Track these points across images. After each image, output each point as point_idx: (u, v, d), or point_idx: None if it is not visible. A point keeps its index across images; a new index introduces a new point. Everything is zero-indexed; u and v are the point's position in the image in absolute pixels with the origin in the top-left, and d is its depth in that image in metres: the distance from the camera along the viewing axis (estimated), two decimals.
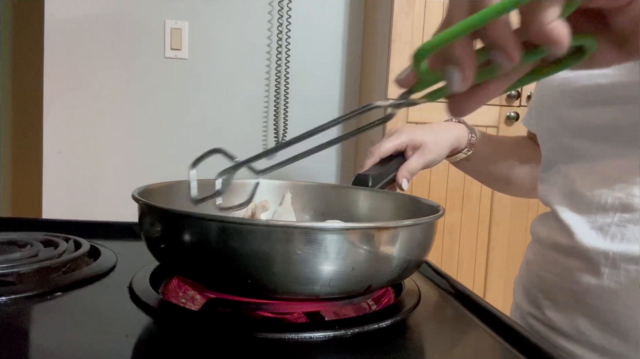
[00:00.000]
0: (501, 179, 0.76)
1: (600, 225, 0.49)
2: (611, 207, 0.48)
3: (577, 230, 0.51)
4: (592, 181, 0.51)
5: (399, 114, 1.46)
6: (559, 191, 0.55)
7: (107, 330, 0.38)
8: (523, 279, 0.61)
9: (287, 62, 1.74)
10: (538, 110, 0.59)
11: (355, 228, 0.38)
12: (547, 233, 0.56)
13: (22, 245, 0.55)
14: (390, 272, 0.41)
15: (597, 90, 0.49)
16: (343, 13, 1.79)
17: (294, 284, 0.37)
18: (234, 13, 1.72)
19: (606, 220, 0.49)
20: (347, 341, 0.38)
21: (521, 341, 0.39)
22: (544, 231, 0.57)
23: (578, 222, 0.51)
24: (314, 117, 1.80)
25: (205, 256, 0.38)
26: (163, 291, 0.49)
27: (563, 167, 0.55)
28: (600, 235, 0.49)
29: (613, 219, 0.48)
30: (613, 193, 0.48)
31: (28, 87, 1.96)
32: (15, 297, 0.42)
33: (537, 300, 0.56)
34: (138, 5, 1.66)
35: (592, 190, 0.50)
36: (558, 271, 0.54)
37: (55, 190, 1.68)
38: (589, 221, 0.50)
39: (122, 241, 0.65)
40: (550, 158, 0.58)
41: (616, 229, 0.48)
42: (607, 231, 0.48)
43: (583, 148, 0.52)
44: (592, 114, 0.50)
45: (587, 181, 0.51)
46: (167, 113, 1.72)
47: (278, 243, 0.36)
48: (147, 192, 0.48)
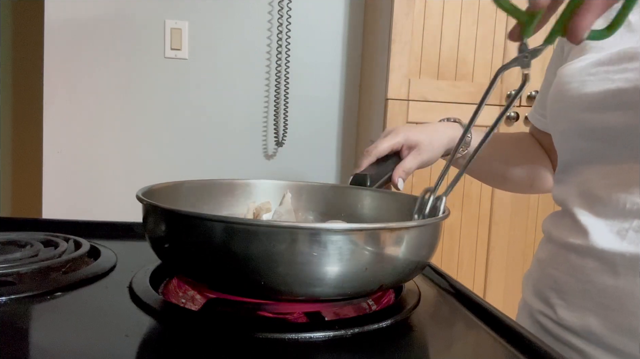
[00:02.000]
0: (498, 176, 0.77)
1: (618, 230, 0.49)
2: (629, 213, 0.48)
3: (594, 231, 0.51)
4: (609, 184, 0.51)
5: (398, 115, 1.46)
6: (576, 192, 0.55)
7: (107, 330, 0.38)
8: (534, 276, 0.61)
9: (287, 63, 1.74)
10: (553, 113, 0.59)
11: (371, 229, 0.38)
12: (561, 233, 0.56)
13: (22, 245, 0.55)
14: (401, 272, 0.41)
15: (617, 94, 0.49)
16: (343, 13, 1.79)
17: (309, 286, 0.37)
18: (234, 13, 1.72)
19: (624, 225, 0.49)
20: (347, 341, 0.38)
21: (521, 341, 0.39)
22: (558, 231, 0.57)
23: (595, 224, 0.51)
24: (314, 117, 1.80)
25: (219, 257, 0.38)
26: (163, 291, 0.49)
27: (580, 169, 0.55)
28: (618, 239, 0.49)
29: (631, 224, 0.48)
30: (632, 198, 0.48)
31: (28, 87, 1.96)
32: (15, 297, 0.42)
33: (549, 299, 0.56)
34: (138, 5, 1.66)
35: (609, 193, 0.50)
36: (571, 270, 0.54)
37: (55, 190, 1.68)
38: (607, 225, 0.50)
39: (122, 241, 0.65)
40: (567, 159, 0.58)
41: (634, 234, 0.48)
42: (624, 236, 0.49)
43: (601, 151, 0.52)
44: (611, 118, 0.50)
45: (605, 185, 0.51)
46: (167, 113, 1.72)
47: (295, 245, 0.36)
48: (151, 192, 0.48)
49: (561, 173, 0.59)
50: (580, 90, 0.53)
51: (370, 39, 1.73)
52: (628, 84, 0.48)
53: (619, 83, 0.49)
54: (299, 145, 1.79)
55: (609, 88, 0.50)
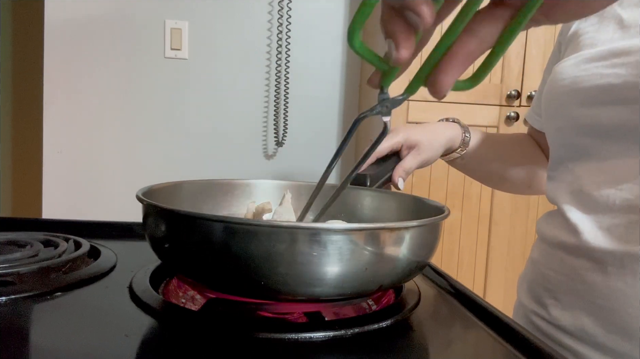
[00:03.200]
0: (496, 176, 0.77)
1: (608, 226, 0.49)
2: (619, 209, 0.48)
3: (584, 229, 0.51)
4: (599, 180, 0.51)
5: (399, 115, 1.46)
6: (567, 189, 0.55)
7: (107, 330, 0.38)
8: (528, 277, 0.61)
9: (287, 63, 1.74)
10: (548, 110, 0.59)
11: (371, 229, 0.38)
12: (553, 232, 0.56)
13: (22, 245, 0.55)
14: (401, 272, 0.41)
15: (608, 90, 0.49)
16: (343, 13, 1.79)
17: (309, 286, 0.37)
18: (234, 13, 1.72)
19: (614, 221, 0.49)
20: (347, 341, 0.38)
21: (521, 341, 0.39)
22: (550, 230, 0.57)
23: (584, 221, 0.51)
24: (314, 117, 1.80)
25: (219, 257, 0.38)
26: (163, 291, 0.49)
27: (571, 165, 0.55)
28: (607, 236, 0.49)
29: (621, 221, 0.48)
30: (621, 194, 0.48)
31: (28, 87, 1.97)
32: (15, 297, 0.42)
33: (542, 299, 0.56)
34: (138, 5, 1.66)
35: (599, 189, 0.50)
36: (564, 270, 0.54)
37: (55, 190, 1.68)
38: (596, 221, 0.50)
39: (122, 241, 0.65)
40: (559, 156, 0.58)
41: (623, 230, 0.48)
42: (614, 232, 0.48)
43: (592, 147, 0.52)
44: (602, 113, 0.50)
45: (595, 181, 0.51)
46: (167, 113, 1.72)
47: (293, 245, 0.36)
48: (151, 192, 0.48)
49: (553, 171, 0.59)
50: (573, 87, 0.53)
51: (370, 39, 1.73)
52: (618, 80, 0.48)
53: (609, 79, 0.49)
54: (299, 145, 1.79)
55: (600, 84, 0.50)
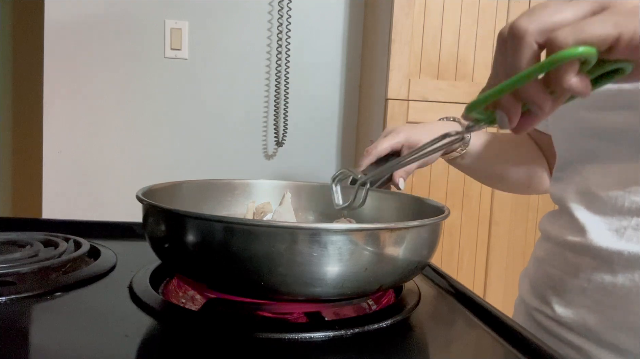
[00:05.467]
0: (495, 176, 0.77)
1: (617, 228, 0.49)
2: (628, 211, 0.49)
3: (592, 229, 0.51)
4: (608, 182, 0.51)
5: (399, 115, 1.46)
6: (574, 190, 0.55)
7: (107, 330, 0.38)
8: (530, 275, 0.61)
9: (287, 62, 1.74)
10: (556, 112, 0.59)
11: (371, 229, 0.38)
12: (558, 231, 0.56)
13: (22, 245, 0.55)
14: (401, 272, 0.41)
15: (619, 94, 0.49)
16: (343, 13, 1.79)
17: (309, 286, 0.37)
18: (234, 13, 1.72)
19: (622, 223, 0.49)
20: (347, 341, 0.38)
21: (521, 341, 0.39)
22: (555, 229, 0.57)
23: (593, 222, 0.52)
24: (314, 117, 1.80)
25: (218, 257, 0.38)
26: (163, 291, 0.49)
27: (579, 167, 0.55)
28: (616, 237, 0.49)
29: (630, 223, 0.48)
30: (630, 197, 0.49)
31: (28, 87, 1.96)
32: (15, 297, 0.42)
33: (546, 296, 0.57)
34: (138, 5, 1.66)
35: (607, 191, 0.51)
36: (569, 268, 0.54)
37: (55, 190, 1.68)
38: (605, 222, 0.50)
39: (122, 241, 0.65)
40: (567, 158, 0.58)
41: (632, 232, 0.48)
42: (622, 234, 0.49)
43: (600, 149, 0.52)
44: (612, 117, 0.50)
45: (603, 183, 0.51)
46: (167, 113, 1.72)
47: (293, 245, 0.36)
48: (151, 192, 0.48)
49: (560, 171, 0.59)
50: None
51: (370, 39, 1.73)
52: (629, 85, 0.48)
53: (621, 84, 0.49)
54: (299, 145, 1.79)
55: (610, 87, 0.50)
